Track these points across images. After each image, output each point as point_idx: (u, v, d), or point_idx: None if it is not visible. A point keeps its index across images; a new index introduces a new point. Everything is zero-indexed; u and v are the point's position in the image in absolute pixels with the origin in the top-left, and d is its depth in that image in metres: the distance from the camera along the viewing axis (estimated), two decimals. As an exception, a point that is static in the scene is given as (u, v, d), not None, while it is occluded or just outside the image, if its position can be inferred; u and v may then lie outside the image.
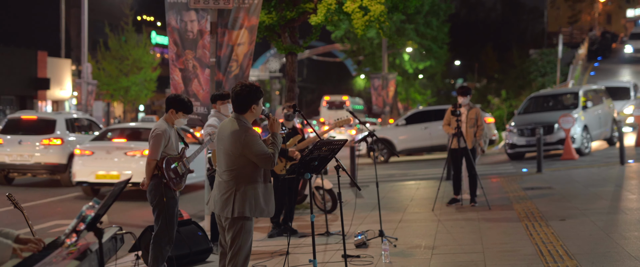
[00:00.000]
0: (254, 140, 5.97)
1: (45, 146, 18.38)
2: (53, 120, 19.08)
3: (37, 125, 19.03)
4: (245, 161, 5.99)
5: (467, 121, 12.38)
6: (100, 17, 58.15)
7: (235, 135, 6.00)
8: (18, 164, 18.33)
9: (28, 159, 18.34)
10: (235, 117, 6.11)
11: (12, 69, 47.21)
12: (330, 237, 10.10)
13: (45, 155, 18.33)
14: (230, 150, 6.02)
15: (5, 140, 18.55)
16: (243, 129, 6.01)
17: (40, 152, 18.35)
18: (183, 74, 10.99)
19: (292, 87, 13.32)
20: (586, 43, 51.00)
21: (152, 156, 7.42)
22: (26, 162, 18.33)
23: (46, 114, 20.79)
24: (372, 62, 49.49)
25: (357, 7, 12.57)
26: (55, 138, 18.51)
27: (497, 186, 15.27)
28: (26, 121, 19.23)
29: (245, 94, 6.11)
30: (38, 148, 18.42)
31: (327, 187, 11.96)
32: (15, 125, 19.10)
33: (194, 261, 8.76)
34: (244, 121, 6.09)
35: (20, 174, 18.91)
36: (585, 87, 24.22)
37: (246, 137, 5.97)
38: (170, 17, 11.05)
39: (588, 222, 10.02)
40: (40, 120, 19.28)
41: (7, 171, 18.70)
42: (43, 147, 18.37)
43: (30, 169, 18.43)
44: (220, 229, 6.30)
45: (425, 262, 8.23)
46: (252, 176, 6.02)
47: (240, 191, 6.00)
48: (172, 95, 7.80)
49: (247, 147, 5.95)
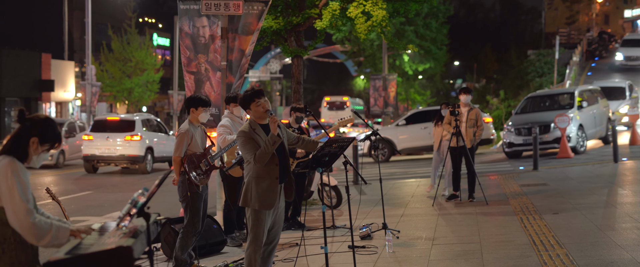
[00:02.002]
0: (240, 140, 6.59)
1: (127, 141, 22.81)
2: (133, 120, 23.53)
3: (120, 125, 23.47)
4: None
5: (467, 121, 12.99)
6: (103, 20, 58.69)
7: None
8: (105, 156, 22.94)
9: (114, 152, 22.91)
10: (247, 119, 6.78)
11: (17, 71, 47.73)
12: (336, 230, 10.70)
13: (127, 148, 22.83)
14: None
15: (94, 136, 23.02)
16: (240, 129, 6.67)
17: (124, 146, 22.84)
18: (196, 77, 11.60)
19: (298, 88, 13.93)
20: (579, 49, 51.09)
21: (177, 153, 8.09)
22: (112, 155, 22.92)
23: (127, 115, 24.90)
24: (373, 63, 50.09)
25: (360, 13, 13.18)
26: (135, 135, 22.91)
27: (495, 183, 15.87)
28: (111, 121, 23.85)
29: (242, 98, 6.77)
30: (122, 143, 22.84)
31: (332, 184, 12.56)
32: (102, 125, 23.56)
33: (210, 252, 9.39)
34: (247, 122, 6.72)
35: (105, 164, 23.38)
36: (581, 88, 24.84)
37: (238, 136, 6.64)
38: (183, 23, 11.65)
39: (580, 216, 10.63)
40: (122, 121, 23.71)
41: (95, 162, 23.14)
42: (126, 142, 22.82)
43: (115, 160, 23.05)
44: None
45: (426, 252, 8.84)
46: (257, 171, 6.60)
47: (246, 184, 6.65)
48: (188, 97, 8.46)
49: (239, 147, 6.66)
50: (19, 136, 4.25)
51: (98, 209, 14.78)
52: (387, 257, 8.71)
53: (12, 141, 4.23)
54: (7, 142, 4.24)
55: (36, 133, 4.25)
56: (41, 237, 4.05)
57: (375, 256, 8.76)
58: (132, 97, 52.97)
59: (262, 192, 6.55)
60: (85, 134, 23.83)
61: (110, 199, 16.70)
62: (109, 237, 4.17)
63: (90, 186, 19.79)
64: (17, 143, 4.22)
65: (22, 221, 4.02)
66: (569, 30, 71.66)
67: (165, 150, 24.36)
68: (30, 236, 4.05)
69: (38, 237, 4.05)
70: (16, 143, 4.22)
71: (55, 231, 4.08)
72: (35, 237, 4.05)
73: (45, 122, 4.33)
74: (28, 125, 4.28)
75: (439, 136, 13.88)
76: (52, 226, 4.08)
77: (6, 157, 4.14)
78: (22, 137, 4.24)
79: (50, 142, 4.28)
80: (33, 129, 4.27)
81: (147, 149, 23.19)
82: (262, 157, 6.46)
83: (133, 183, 20.48)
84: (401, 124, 26.65)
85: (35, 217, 4.04)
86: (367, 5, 13.08)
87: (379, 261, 8.49)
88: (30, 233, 4.04)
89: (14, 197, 4.01)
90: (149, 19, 72.45)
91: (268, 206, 6.57)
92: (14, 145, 4.21)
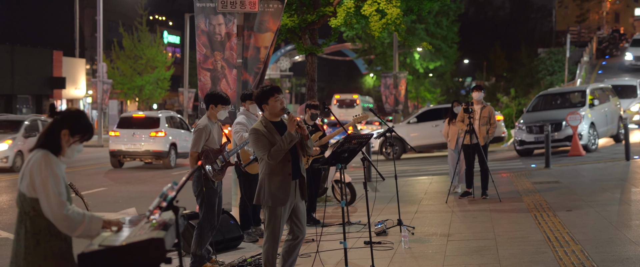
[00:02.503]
0: (252, 137, 6.67)
1: (152, 137, 23.64)
2: (157, 117, 24.54)
3: (145, 122, 24.43)
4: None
5: (480, 119, 13.06)
6: (114, 17, 58.93)
7: None
8: (131, 151, 23.77)
9: (139, 148, 23.70)
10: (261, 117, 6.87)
11: (29, 69, 47.97)
12: (351, 226, 10.79)
13: (152, 144, 23.66)
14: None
15: (121, 133, 23.88)
16: (253, 127, 6.76)
17: (149, 142, 23.65)
18: (212, 74, 11.70)
19: (312, 86, 14.03)
20: (589, 48, 50.75)
21: (194, 148, 8.19)
22: (138, 150, 23.71)
23: (152, 112, 26.17)
24: (383, 61, 50.16)
25: (374, 11, 13.27)
26: (160, 131, 23.78)
27: (507, 180, 15.93)
28: (136, 118, 24.96)
29: (257, 95, 6.87)
30: (147, 139, 23.68)
31: (347, 181, 12.65)
32: (128, 122, 24.62)
33: (227, 247, 9.50)
34: (260, 119, 6.83)
35: (131, 159, 24.21)
36: (592, 86, 24.86)
37: (250, 134, 6.72)
38: (199, 21, 11.75)
39: (593, 213, 10.69)
40: (147, 118, 24.79)
41: (121, 157, 24.00)
42: (151, 138, 23.64)
43: (140, 155, 23.83)
44: None
45: (441, 248, 8.92)
46: (270, 168, 6.70)
47: (260, 181, 6.76)
48: (209, 93, 8.57)
49: (251, 144, 6.73)
50: (50, 129, 4.35)
51: (113, 205, 14.87)
52: (402, 252, 8.80)
53: (44, 135, 4.33)
54: (39, 136, 4.34)
55: (67, 125, 4.34)
56: (74, 228, 4.15)
57: (391, 252, 8.85)
58: (142, 95, 53.17)
59: (275, 188, 6.63)
60: (112, 130, 25.02)
61: (126, 195, 16.83)
62: (139, 229, 4.27)
63: (105, 182, 19.93)
64: (49, 137, 4.32)
65: (55, 213, 4.12)
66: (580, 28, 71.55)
67: (187, 146, 24.45)
68: (64, 227, 4.15)
69: (71, 228, 4.15)
70: (48, 137, 4.32)
71: (87, 223, 4.18)
72: (68, 228, 4.15)
73: (75, 115, 4.43)
74: (58, 119, 4.38)
75: (455, 133, 13.95)
76: (85, 218, 4.18)
77: (40, 151, 4.24)
78: (54, 131, 4.34)
79: (80, 133, 4.38)
80: (63, 121, 4.36)
81: (170, 144, 24.08)
82: (276, 154, 6.54)
83: (148, 180, 20.62)
84: (412, 122, 26.72)
85: (69, 209, 4.14)
86: (381, 3, 13.17)
87: (395, 257, 8.58)
88: (64, 224, 4.14)
89: (48, 190, 4.11)
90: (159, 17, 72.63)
91: (282, 202, 6.65)
92: (46, 139, 4.31)
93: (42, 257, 4.18)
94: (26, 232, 4.19)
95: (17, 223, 4.27)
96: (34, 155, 4.23)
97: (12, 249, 4.30)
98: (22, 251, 4.19)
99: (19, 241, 4.22)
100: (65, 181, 4.29)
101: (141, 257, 3.89)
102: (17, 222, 4.26)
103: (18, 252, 4.22)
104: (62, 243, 4.24)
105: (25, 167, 4.22)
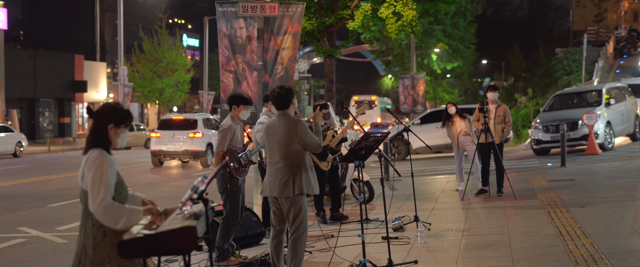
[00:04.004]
0: (306, 128, 7.11)
1: (191, 138, 25.31)
2: (195, 119, 26.16)
3: (184, 123, 26.05)
4: (297, 149, 7.09)
5: (495, 118, 13.37)
6: (135, 21, 59.55)
7: (289, 126, 7.11)
8: (171, 151, 25.49)
9: (179, 148, 25.39)
10: (281, 114, 7.22)
11: (51, 73, 48.66)
12: (369, 223, 11.13)
13: (191, 144, 25.33)
14: (284, 141, 7.12)
15: (162, 134, 25.62)
16: (294, 120, 7.13)
17: (187, 142, 25.34)
18: (234, 76, 12.09)
19: (331, 87, 14.40)
20: (602, 53, 50.33)
21: (219, 148, 8.60)
22: (177, 150, 25.42)
23: (190, 115, 27.45)
24: (401, 62, 50.42)
25: (391, 13, 13.61)
26: (197, 132, 25.43)
27: (523, 178, 16.20)
28: (176, 120, 26.40)
29: (285, 94, 7.26)
30: (186, 140, 25.34)
31: (365, 179, 12.99)
32: (168, 124, 26.15)
33: (250, 243, 9.87)
34: (289, 115, 7.18)
35: (170, 158, 26.04)
36: (609, 85, 25.02)
37: (299, 126, 7.07)
38: (221, 25, 12.14)
39: (605, 209, 10.97)
40: (185, 120, 26.32)
41: (162, 156, 25.84)
42: (189, 139, 25.30)
43: (180, 154, 25.54)
44: (275, 211, 7.37)
45: (456, 242, 9.24)
46: (303, 162, 7.14)
47: (297, 174, 7.10)
48: (231, 94, 8.97)
49: (302, 134, 7.05)
50: (96, 128, 4.72)
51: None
52: (419, 247, 9.13)
53: (92, 135, 4.69)
54: (88, 137, 4.71)
55: (111, 119, 4.72)
56: (116, 221, 4.52)
57: (408, 246, 9.19)
58: (163, 98, 53.72)
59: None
60: (152, 132, 26.89)
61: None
62: (172, 220, 4.63)
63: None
64: (97, 135, 4.69)
65: (96, 207, 4.50)
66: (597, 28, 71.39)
67: None
68: (105, 220, 4.52)
69: (112, 221, 4.52)
70: (97, 136, 4.69)
71: (128, 215, 4.56)
72: (110, 221, 4.52)
73: (113, 108, 4.79)
74: (100, 117, 4.74)
75: (452, 134, 14.29)
76: (125, 211, 4.55)
77: (96, 150, 4.62)
78: (100, 128, 4.71)
79: (124, 122, 4.76)
80: (106, 117, 4.73)
81: (207, 145, 25.57)
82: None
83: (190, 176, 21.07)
84: (416, 123, 26.70)
85: (108, 204, 4.51)
86: (397, 5, 13.51)
87: (411, 251, 8.91)
88: (104, 218, 4.51)
89: (94, 186, 4.49)
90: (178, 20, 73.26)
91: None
92: (96, 138, 4.68)
93: (109, 246, 4.56)
94: (93, 225, 4.57)
95: (82, 218, 4.66)
96: (90, 154, 4.61)
97: (77, 241, 4.68)
98: (91, 242, 4.56)
99: (86, 233, 4.60)
100: (121, 177, 4.67)
101: (175, 244, 4.25)
102: (83, 216, 4.65)
103: (86, 244, 4.58)
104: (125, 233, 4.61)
105: (84, 166, 4.61)
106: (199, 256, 8.97)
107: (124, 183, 4.73)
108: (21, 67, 45.74)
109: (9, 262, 9.80)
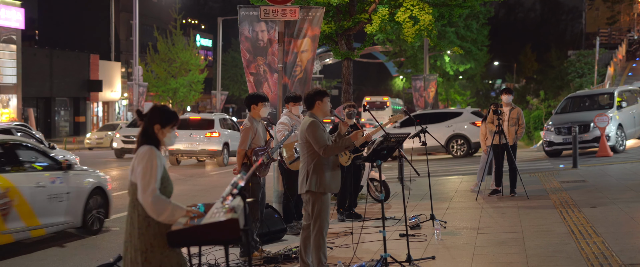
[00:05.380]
0: (314, 129, 7.52)
1: (208, 137, 25.84)
2: (212, 119, 26.72)
3: (201, 123, 26.53)
4: (312, 148, 7.51)
5: (509, 120, 13.70)
6: (149, 21, 60.04)
7: (304, 126, 7.63)
8: (188, 150, 26.08)
9: (196, 147, 25.92)
10: (308, 114, 7.65)
11: (67, 72, 49.21)
12: (386, 221, 11.46)
13: (208, 144, 25.89)
14: (302, 139, 7.57)
15: (179, 133, 24.86)
16: (307, 121, 7.62)
17: (204, 142, 25.88)
18: (255, 78, 12.48)
19: (348, 89, 14.77)
20: (613, 64, 50.17)
21: (242, 146, 8.98)
22: (194, 149, 25.99)
23: (207, 114, 28.28)
24: (414, 63, 50.71)
25: (408, 17, 13.96)
26: (214, 132, 25.99)
27: (535, 179, 16.50)
28: (193, 120, 26.82)
29: (309, 96, 7.78)
30: (202, 139, 25.88)
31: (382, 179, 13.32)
32: (185, 123, 26.24)
33: (271, 239, 10.25)
34: (312, 115, 7.62)
35: (188, 157, 26.69)
36: (621, 88, 25.27)
37: (309, 127, 7.55)
38: (243, 28, 12.53)
39: (616, 209, 11.28)
40: (203, 120, 26.86)
41: (179, 155, 26.50)
42: (206, 138, 25.85)
43: (196, 154, 26.17)
44: (304, 206, 7.78)
45: (471, 240, 9.59)
46: (319, 160, 7.54)
47: (314, 172, 7.52)
48: (248, 94, 9.39)
49: (310, 135, 7.51)
50: (145, 129, 5.12)
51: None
52: (435, 244, 9.48)
53: (141, 135, 5.10)
54: (138, 137, 5.11)
55: (157, 121, 5.11)
56: (160, 213, 4.90)
57: (425, 243, 9.54)
58: (176, 97, 54.15)
59: (328, 178, 7.60)
60: None
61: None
62: (213, 213, 5.01)
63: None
64: (146, 136, 5.09)
65: (145, 198, 4.88)
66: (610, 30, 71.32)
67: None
68: (151, 211, 4.90)
69: (157, 212, 4.90)
70: (146, 136, 5.09)
71: (172, 209, 4.94)
72: (155, 212, 4.90)
73: (159, 110, 5.18)
74: (148, 119, 5.13)
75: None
76: (170, 205, 4.93)
77: (146, 146, 5.02)
78: (148, 129, 5.10)
79: (171, 123, 5.14)
80: (153, 119, 5.12)
81: (224, 144, 26.23)
82: (331, 152, 7.50)
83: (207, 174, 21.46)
84: (396, 127, 26.48)
85: (156, 196, 4.89)
86: (414, 10, 13.86)
87: (428, 247, 9.26)
88: (151, 208, 4.89)
89: (144, 177, 4.88)
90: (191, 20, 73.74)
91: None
92: (145, 138, 5.08)
93: (153, 236, 4.94)
94: (139, 215, 4.96)
95: (129, 208, 5.06)
96: (140, 149, 5.00)
97: (125, 231, 5.08)
98: (136, 231, 4.96)
99: (132, 223, 4.99)
100: (166, 172, 5.05)
101: (220, 235, 4.64)
102: (130, 207, 5.05)
103: (132, 233, 4.98)
104: (167, 223, 4.99)
105: (134, 160, 5.00)
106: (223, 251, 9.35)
107: (170, 179, 5.11)
108: (38, 66, 46.29)
109: (40, 255, 10.22)
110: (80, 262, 9.85)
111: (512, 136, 13.73)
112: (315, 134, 7.47)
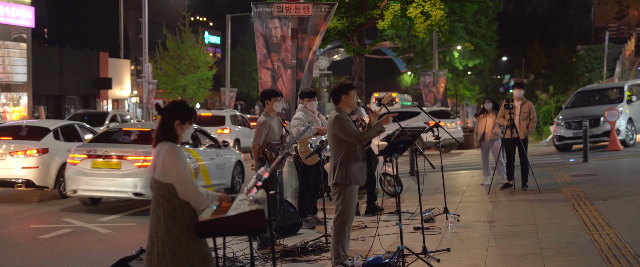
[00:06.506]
0: (341, 122, 7.64)
1: (219, 134, 25.51)
2: (223, 116, 27.27)
3: (212, 120, 26.89)
4: (339, 141, 7.65)
5: (520, 114, 13.81)
6: (158, 19, 60.19)
7: (330, 120, 7.73)
8: None
9: (207, 143, 24.16)
10: (335, 108, 7.76)
11: (76, 70, 49.40)
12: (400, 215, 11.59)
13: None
14: (330, 133, 7.67)
15: None
16: (333, 115, 7.72)
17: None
18: (270, 74, 12.61)
19: (360, 85, 14.90)
20: (620, 58, 50.05)
21: (256, 141, 9.17)
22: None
23: (218, 111, 28.78)
24: (423, 59, 50.75)
25: (419, 13, 14.07)
26: (225, 128, 26.41)
27: (546, 173, 16.61)
28: (204, 117, 27.06)
29: (334, 90, 7.87)
30: (214, 135, 24.65)
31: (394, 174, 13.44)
32: (197, 120, 25.06)
33: (287, 233, 10.37)
34: (338, 109, 7.72)
35: None
36: (630, 82, 25.32)
37: (334, 121, 7.65)
38: (257, 24, 12.66)
39: (628, 202, 11.39)
40: (214, 116, 27.47)
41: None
42: (217, 135, 25.11)
43: None
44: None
45: (485, 232, 9.72)
46: (345, 153, 7.63)
47: (340, 165, 7.62)
48: (262, 91, 9.54)
49: (337, 129, 7.62)
50: (163, 124, 5.23)
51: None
52: (450, 236, 9.61)
53: (161, 130, 5.20)
54: (157, 132, 5.21)
55: (176, 116, 5.22)
56: (202, 202, 5.06)
57: (439, 236, 9.68)
58: (186, 95, 54.28)
59: (356, 170, 7.72)
60: None
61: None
62: (238, 204, 5.15)
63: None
64: (166, 130, 5.20)
65: (193, 192, 5.00)
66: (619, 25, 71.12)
67: (248, 141, 26.34)
68: (196, 203, 5.04)
69: (200, 202, 5.05)
70: (165, 130, 5.20)
71: (210, 198, 5.10)
72: (199, 203, 5.05)
73: (179, 105, 5.29)
74: (167, 114, 5.25)
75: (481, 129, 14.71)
76: (208, 195, 5.09)
77: (166, 143, 5.14)
78: (167, 124, 5.22)
79: (189, 118, 5.26)
80: (172, 114, 5.23)
81: (235, 140, 26.45)
82: (364, 138, 7.62)
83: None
84: None
85: (200, 188, 5.04)
86: (426, 5, 13.96)
87: (443, 240, 9.40)
88: (197, 200, 5.03)
89: (182, 174, 5.00)
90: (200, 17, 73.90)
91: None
92: (164, 133, 5.19)
93: (179, 230, 5.08)
94: (164, 211, 5.08)
95: (153, 205, 5.17)
96: (162, 147, 5.11)
97: (149, 227, 5.19)
98: (162, 227, 5.08)
99: (158, 219, 5.11)
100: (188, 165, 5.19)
101: (246, 225, 4.78)
102: (154, 204, 5.16)
103: (158, 229, 5.10)
104: (192, 217, 5.13)
105: (156, 158, 5.10)
106: (241, 244, 9.49)
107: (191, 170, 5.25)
108: (48, 64, 46.48)
109: (59, 251, 10.38)
110: (97, 257, 10.01)
111: (523, 130, 13.84)
112: (342, 127, 7.59)
